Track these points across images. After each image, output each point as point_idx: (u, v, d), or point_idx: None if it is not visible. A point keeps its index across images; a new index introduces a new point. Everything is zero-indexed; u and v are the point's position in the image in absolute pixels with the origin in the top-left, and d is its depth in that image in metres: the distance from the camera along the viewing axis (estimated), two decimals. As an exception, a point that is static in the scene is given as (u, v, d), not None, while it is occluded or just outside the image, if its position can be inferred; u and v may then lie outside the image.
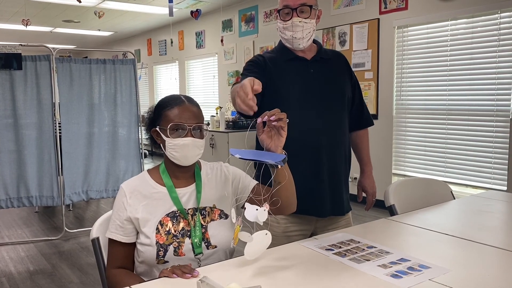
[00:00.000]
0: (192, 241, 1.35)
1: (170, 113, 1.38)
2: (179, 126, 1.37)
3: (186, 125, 1.37)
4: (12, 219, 4.75)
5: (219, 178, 1.51)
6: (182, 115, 1.37)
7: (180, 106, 1.39)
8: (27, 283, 3.11)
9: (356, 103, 1.90)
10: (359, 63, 5.08)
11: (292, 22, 1.67)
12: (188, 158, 1.39)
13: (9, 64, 3.91)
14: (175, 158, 1.39)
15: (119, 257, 1.38)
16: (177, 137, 1.37)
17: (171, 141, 1.37)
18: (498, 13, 3.90)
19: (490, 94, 4.00)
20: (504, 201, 2.05)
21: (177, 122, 1.37)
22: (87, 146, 4.29)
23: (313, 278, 1.18)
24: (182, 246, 1.35)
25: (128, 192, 1.40)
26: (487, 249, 1.39)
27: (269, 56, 1.78)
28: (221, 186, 1.49)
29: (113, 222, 1.39)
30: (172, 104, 1.40)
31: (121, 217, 1.38)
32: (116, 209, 1.39)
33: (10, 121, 3.99)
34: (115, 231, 1.37)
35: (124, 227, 1.37)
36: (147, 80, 10.15)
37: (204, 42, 7.97)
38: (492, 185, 4.04)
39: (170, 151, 1.39)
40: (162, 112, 1.41)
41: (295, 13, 1.67)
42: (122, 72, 4.39)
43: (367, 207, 2.00)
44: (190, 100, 1.43)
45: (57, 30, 9.29)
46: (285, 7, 1.68)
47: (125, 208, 1.38)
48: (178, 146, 1.37)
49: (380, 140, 4.93)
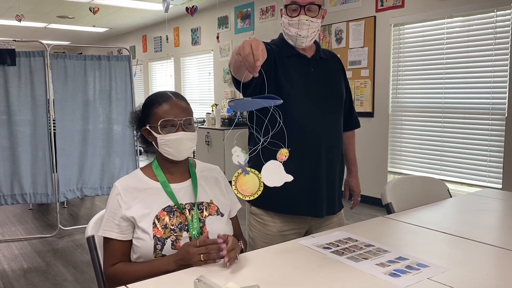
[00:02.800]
0: (191, 234, 1.35)
1: (159, 110, 1.40)
2: (169, 122, 1.39)
3: (176, 120, 1.39)
4: (6, 216, 4.72)
5: (214, 178, 1.53)
6: (171, 111, 1.39)
7: (168, 102, 1.40)
8: (21, 281, 3.09)
9: (347, 105, 1.92)
10: (355, 61, 5.08)
11: (299, 20, 1.64)
12: (182, 152, 1.41)
13: (2, 60, 3.87)
14: (169, 153, 1.40)
15: (116, 255, 1.37)
16: (168, 133, 1.38)
17: (163, 137, 1.39)
18: (494, 12, 3.90)
19: (486, 93, 4.01)
20: (499, 199, 2.06)
21: (167, 118, 1.38)
22: (82, 143, 4.26)
23: (310, 277, 1.17)
24: (180, 239, 1.34)
25: (122, 189, 1.39)
26: (484, 247, 1.39)
27: (274, 47, 1.75)
28: (215, 185, 1.51)
29: (107, 220, 1.38)
30: (160, 101, 1.41)
31: (116, 215, 1.37)
32: (111, 208, 1.38)
33: (4, 118, 3.95)
34: (110, 229, 1.36)
35: (120, 225, 1.36)
36: (142, 76, 10.10)
37: (200, 39, 7.94)
38: (487, 183, 4.06)
39: (163, 147, 1.40)
40: (151, 110, 1.41)
41: (303, 11, 1.64)
42: (117, 69, 4.36)
43: (353, 206, 2.04)
44: (177, 96, 1.45)
45: (51, 26, 9.22)
46: (292, 3, 1.65)
47: (120, 205, 1.37)
48: (171, 141, 1.38)
49: (376, 138, 4.94)
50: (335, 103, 1.80)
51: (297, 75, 1.71)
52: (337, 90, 1.82)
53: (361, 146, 2.20)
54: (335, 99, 1.80)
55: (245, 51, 1.17)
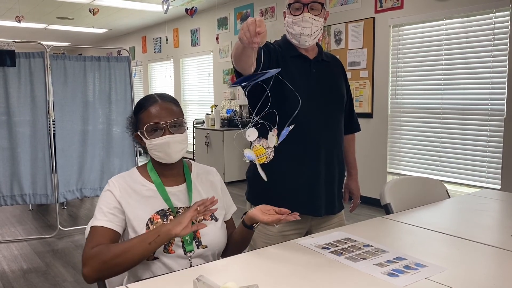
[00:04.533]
0: (183, 238, 1.35)
1: (144, 115, 1.39)
2: (155, 126, 1.37)
3: (162, 123, 1.37)
4: (6, 217, 4.72)
5: (210, 182, 1.53)
6: (156, 114, 1.37)
7: (153, 106, 1.38)
8: (21, 282, 3.09)
9: (348, 108, 1.93)
10: (354, 62, 5.08)
11: (303, 17, 1.66)
12: (171, 155, 1.39)
13: (2, 60, 3.88)
14: (159, 157, 1.40)
15: (99, 239, 1.28)
16: (155, 137, 1.37)
17: (151, 142, 1.38)
18: (493, 13, 3.92)
19: (484, 93, 4.02)
20: (498, 199, 2.06)
21: (152, 122, 1.37)
22: (81, 144, 4.26)
23: (309, 277, 1.18)
24: (172, 243, 1.34)
25: (117, 185, 1.38)
26: (482, 248, 1.40)
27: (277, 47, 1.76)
28: (211, 189, 1.51)
29: (99, 210, 1.34)
30: (146, 105, 1.40)
31: (110, 204, 1.34)
32: (104, 199, 1.36)
33: (4, 118, 3.96)
34: (101, 218, 1.32)
35: (112, 214, 1.33)
36: (142, 77, 10.11)
37: (199, 40, 7.94)
38: (486, 183, 4.07)
39: (152, 151, 1.39)
40: (139, 116, 1.41)
41: (306, 9, 1.65)
42: (116, 70, 4.36)
43: (352, 209, 2.05)
44: (163, 98, 1.43)
45: (51, 27, 9.22)
46: (296, 2, 1.66)
47: (114, 196, 1.35)
48: (158, 146, 1.37)
49: (375, 138, 4.94)
50: (336, 104, 1.82)
51: (299, 75, 1.72)
52: (338, 91, 1.83)
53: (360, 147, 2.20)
54: (336, 100, 1.82)
55: (248, 21, 1.19)
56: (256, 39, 1.18)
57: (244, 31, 1.20)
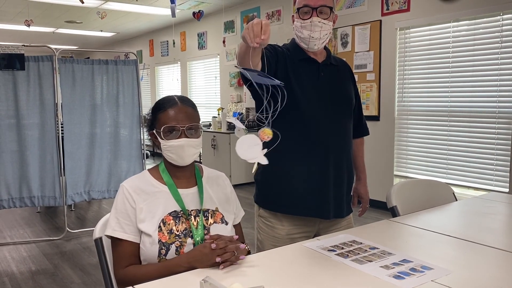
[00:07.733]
0: (194, 240, 1.36)
1: (163, 116, 1.41)
2: (172, 128, 1.39)
3: (179, 126, 1.39)
4: (14, 219, 4.76)
5: (220, 186, 1.54)
6: (175, 117, 1.39)
7: (173, 108, 1.41)
8: (29, 283, 3.12)
9: (356, 112, 1.93)
10: (361, 65, 5.08)
11: (312, 21, 1.66)
12: (184, 158, 1.41)
13: (12, 64, 3.92)
14: (172, 159, 1.42)
15: (127, 257, 1.35)
16: (171, 139, 1.39)
17: (166, 143, 1.40)
18: (500, 15, 3.90)
19: (492, 96, 4.00)
20: (506, 202, 2.05)
21: (170, 124, 1.39)
22: (89, 146, 4.29)
23: (315, 279, 1.18)
24: (184, 245, 1.35)
25: (131, 190, 1.40)
26: (489, 251, 1.39)
27: (285, 50, 1.77)
28: (221, 193, 1.52)
29: (117, 220, 1.37)
30: (166, 106, 1.42)
31: (129, 216, 1.37)
32: (121, 208, 1.38)
33: (13, 122, 4.00)
34: (120, 230, 1.36)
35: (133, 227, 1.36)
36: (149, 81, 10.16)
37: (206, 43, 7.98)
38: (494, 187, 4.04)
39: (166, 152, 1.42)
40: (157, 115, 1.43)
41: (315, 13, 1.66)
42: (124, 73, 4.40)
43: (361, 213, 2.04)
44: (183, 101, 1.45)
45: (59, 30, 9.31)
46: (305, 6, 1.67)
47: (133, 207, 1.37)
48: (173, 148, 1.39)
49: (382, 141, 4.93)
50: (345, 107, 1.82)
51: (307, 79, 1.73)
52: (347, 95, 1.84)
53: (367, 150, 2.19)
54: (345, 103, 1.82)
55: (254, 21, 1.21)
56: (258, 39, 1.20)
57: (249, 30, 1.21)
